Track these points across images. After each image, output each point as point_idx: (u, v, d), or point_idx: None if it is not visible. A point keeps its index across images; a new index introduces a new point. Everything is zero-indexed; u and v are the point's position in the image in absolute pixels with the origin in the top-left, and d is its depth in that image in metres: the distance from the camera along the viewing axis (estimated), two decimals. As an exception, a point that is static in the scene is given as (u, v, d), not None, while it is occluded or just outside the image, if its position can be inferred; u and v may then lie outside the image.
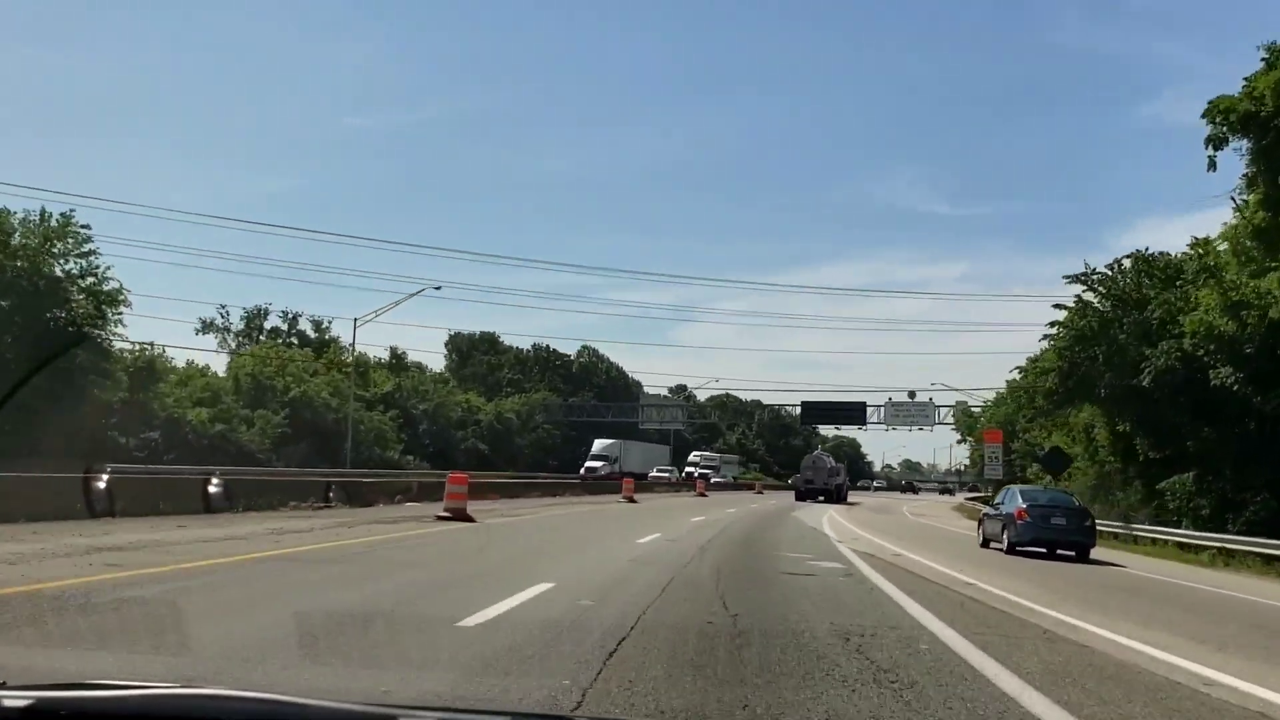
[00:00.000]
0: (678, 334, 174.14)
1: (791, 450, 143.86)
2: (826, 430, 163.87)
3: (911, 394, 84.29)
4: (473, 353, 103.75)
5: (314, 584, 10.90)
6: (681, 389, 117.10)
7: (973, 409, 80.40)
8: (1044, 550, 22.74)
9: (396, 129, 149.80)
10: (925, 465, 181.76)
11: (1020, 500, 23.85)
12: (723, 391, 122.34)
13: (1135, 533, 30.83)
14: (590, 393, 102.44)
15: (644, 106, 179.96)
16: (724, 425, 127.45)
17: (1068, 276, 36.41)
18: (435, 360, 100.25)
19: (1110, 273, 35.89)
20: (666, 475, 77.39)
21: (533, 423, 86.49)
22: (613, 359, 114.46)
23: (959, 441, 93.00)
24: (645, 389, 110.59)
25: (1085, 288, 36.14)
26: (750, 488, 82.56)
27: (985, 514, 27.01)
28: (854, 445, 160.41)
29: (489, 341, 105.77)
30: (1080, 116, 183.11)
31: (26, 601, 8.41)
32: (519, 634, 7.89)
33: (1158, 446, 31.83)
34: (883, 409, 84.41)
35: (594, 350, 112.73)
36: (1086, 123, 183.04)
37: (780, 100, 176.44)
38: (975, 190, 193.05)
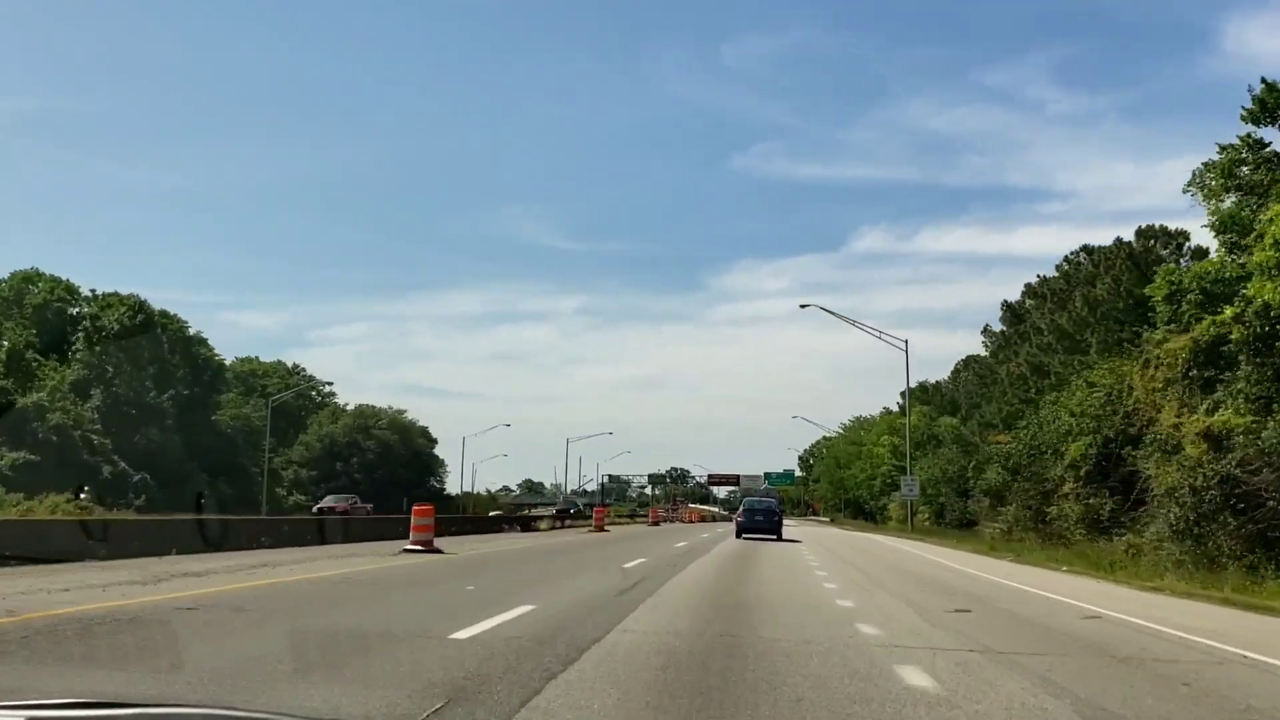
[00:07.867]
0: (290, 358, 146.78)
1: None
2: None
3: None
4: None
5: None
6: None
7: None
8: (772, 536, 34.19)
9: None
10: (549, 485, 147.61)
11: (742, 505, 37.35)
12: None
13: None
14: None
15: (262, 124, 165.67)
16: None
17: None
18: None
19: None
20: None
21: None
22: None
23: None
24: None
25: None
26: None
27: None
28: (421, 432, 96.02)
29: None
30: (683, 164, 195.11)
31: None
32: None
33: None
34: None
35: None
36: (688, 170, 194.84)
37: (409, 134, 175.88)
38: (593, 228, 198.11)
